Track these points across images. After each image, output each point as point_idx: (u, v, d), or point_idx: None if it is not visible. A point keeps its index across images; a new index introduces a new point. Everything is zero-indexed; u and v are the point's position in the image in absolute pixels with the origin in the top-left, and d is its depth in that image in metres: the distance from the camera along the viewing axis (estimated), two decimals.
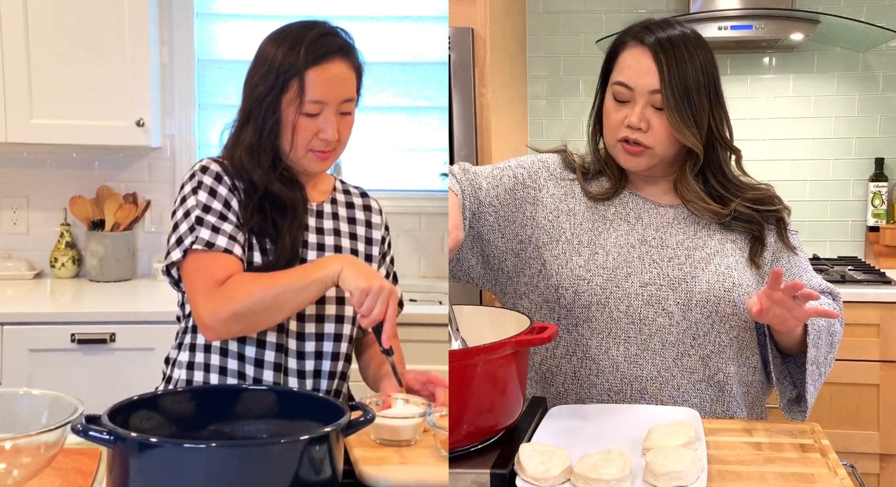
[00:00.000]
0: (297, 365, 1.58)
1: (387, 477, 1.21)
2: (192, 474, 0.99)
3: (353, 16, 3.27)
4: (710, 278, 1.56)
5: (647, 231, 1.62)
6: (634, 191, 1.67)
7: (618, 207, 1.65)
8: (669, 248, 1.60)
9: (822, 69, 3.41)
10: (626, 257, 1.59)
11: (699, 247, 1.59)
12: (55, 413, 1.13)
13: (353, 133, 1.63)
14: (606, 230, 1.62)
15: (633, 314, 1.56)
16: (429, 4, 3.29)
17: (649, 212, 1.64)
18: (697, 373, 1.57)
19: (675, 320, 1.56)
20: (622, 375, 1.56)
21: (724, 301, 1.56)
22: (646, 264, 1.58)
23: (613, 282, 1.57)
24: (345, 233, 1.68)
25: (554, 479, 1.15)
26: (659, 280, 1.57)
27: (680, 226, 1.62)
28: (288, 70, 1.55)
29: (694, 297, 1.55)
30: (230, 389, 1.37)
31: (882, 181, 3.36)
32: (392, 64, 3.29)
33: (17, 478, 1.05)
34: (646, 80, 1.54)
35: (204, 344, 1.57)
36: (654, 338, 1.56)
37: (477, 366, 1.24)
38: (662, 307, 1.56)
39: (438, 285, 3.05)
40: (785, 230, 1.64)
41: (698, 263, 1.58)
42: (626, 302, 1.56)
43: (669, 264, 1.58)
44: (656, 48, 1.55)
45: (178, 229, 1.55)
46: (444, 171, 2.94)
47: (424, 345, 2.08)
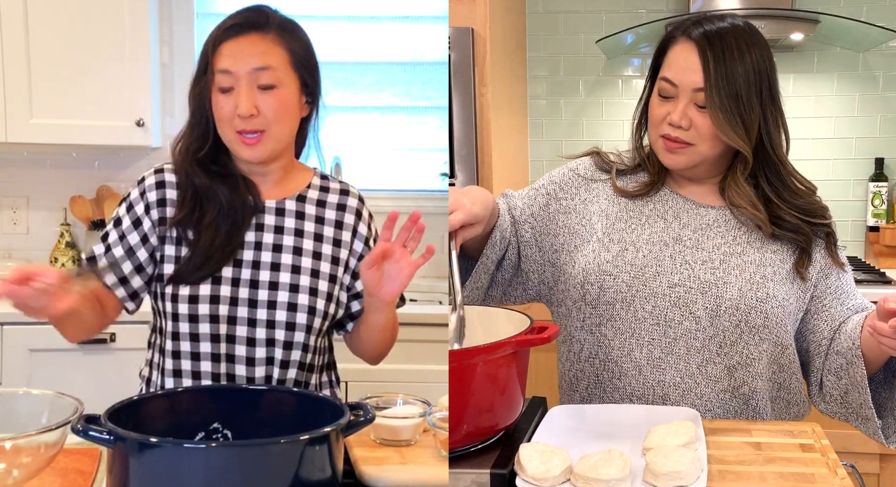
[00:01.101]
0: (248, 332, 1.53)
1: (387, 477, 1.21)
2: (192, 474, 0.99)
3: (353, 16, 3.27)
4: (742, 286, 1.50)
5: (683, 230, 1.57)
6: (676, 189, 1.62)
7: (656, 204, 1.60)
8: (705, 251, 1.54)
9: (822, 69, 3.41)
10: (658, 255, 1.54)
11: (737, 254, 1.53)
12: (55, 413, 1.13)
13: (353, 133, 1.62)
14: (640, 226, 1.58)
15: (659, 315, 1.51)
16: (429, 4, 3.29)
17: (689, 212, 1.59)
18: (722, 383, 1.51)
19: (703, 325, 1.50)
20: (644, 379, 1.52)
21: (755, 311, 1.49)
22: (677, 264, 1.53)
23: (640, 280, 1.52)
24: (309, 234, 1.59)
25: (554, 479, 1.15)
26: (689, 282, 1.51)
27: (720, 229, 1.56)
28: (205, 49, 1.53)
29: (723, 304, 1.49)
30: (230, 389, 1.37)
31: (882, 181, 3.36)
32: (392, 64, 3.29)
33: (17, 478, 1.05)
34: (690, 77, 1.50)
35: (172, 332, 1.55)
36: (678, 342, 1.51)
37: (477, 366, 1.24)
38: (690, 310, 1.50)
39: (438, 285, 3.05)
40: (834, 246, 1.58)
41: (733, 269, 1.51)
42: (653, 302, 1.52)
43: (702, 267, 1.52)
44: (703, 43, 1.50)
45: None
46: (444, 171, 2.94)
47: (424, 345, 2.09)
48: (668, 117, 1.52)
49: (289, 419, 1.21)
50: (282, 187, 1.62)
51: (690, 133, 1.51)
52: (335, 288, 1.60)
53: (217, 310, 1.52)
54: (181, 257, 1.54)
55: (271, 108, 1.51)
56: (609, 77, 3.57)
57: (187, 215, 1.54)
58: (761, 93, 1.52)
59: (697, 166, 1.56)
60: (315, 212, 1.62)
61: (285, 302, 1.54)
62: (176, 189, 1.57)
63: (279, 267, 1.55)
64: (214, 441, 1.20)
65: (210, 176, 1.56)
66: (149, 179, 1.59)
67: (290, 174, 1.64)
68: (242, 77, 1.50)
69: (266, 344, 1.53)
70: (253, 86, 1.50)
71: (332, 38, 3.25)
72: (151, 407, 1.19)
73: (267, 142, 1.53)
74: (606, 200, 1.63)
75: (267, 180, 1.61)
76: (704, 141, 1.51)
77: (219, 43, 1.52)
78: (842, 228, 3.44)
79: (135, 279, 1.56)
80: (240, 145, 1.53)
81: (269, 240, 1.57)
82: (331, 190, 1.66)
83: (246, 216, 1.56)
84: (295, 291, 1.54)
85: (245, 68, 1.50)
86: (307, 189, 1.64)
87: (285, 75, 1.53)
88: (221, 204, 1.55)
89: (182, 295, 1.52)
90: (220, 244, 1.53)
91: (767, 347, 1.51)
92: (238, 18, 1.54)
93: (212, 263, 1.52)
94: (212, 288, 1.52)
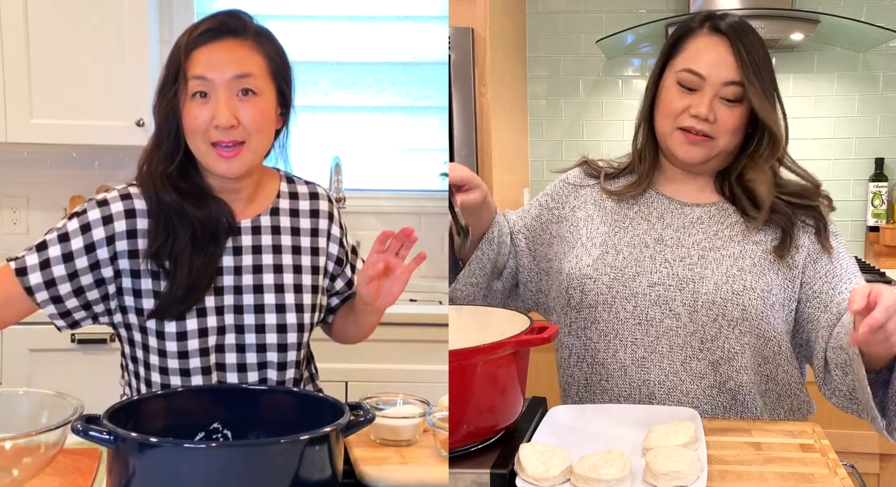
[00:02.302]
0: (238, 358, 1.49)
1: (387, 477, 1.21)
2: (192, 474, 0.99)
3: (354, 16, 3.27)
4: (718, 279, 1.50)
5: (666, 230, 1.58)
6: (662, 190, 1.63)
7: (641, 206, 1.62)
8: (684, 247, 1.55)
9: (822, 69, 3.41)
10: (638, 256, 1.55)
11: (716, 248, 1.53)
12: (55, 413, 1.13)
13: (353, 133, 1.60)
14: (623, 229, 1.60)
15: (640, 315, 1.53)
16: (429, 4, 3.29)
17: (673, 212, 1.60)
18: (707, 379, 1.52)
19: (683, 322, 1.51)
20: (630, 379, 1.54)
21: (731, 304, 1.49)
22: (657, 264, 1.54)
23: (620, 282, 1.54)
24: (286, 248, 1.53)
25: (554, 479, 1.15)
26: (668, 280, 1.52)
27: (702, 226, 1.57)
28: (175, 53, 1.42)
29: (700, 298, 1.50)
30: (230, 389, 1.37)
31: (882, 181, 3.36)
32: (392, 64, 3.29)
33: (17, 478, 1.05)
34: (722, 70, 1.50)
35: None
36: (661, 341, 1.52)
37: (477, 366, 1.24)
38: (669, 308, 1.51)
39: (438, 285, 3.04)
40: (825, 231, 1.55)
41: (710, 263, 1.52)
42: (633, 301, 1.53)
43: (680, 264, 1.53)
44: (732, 37, 1.51)
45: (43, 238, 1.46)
46: (445, 171, 2.94)
47: (424, 345, 2.08)
48: (689, 109, 1.52)
49: (289, 419, 1.21)
50: (255, 202, 1.54)
51: (714, 126, 1.51)
52: (318, 297, 1.58)
53: (206, 343, 1.47)
54: (160, 291, 1.45)
55: (251, 118, 1.42)
56: (609, 77, 3.57)
57: (161, 246, 1.44)
58: (773, 83, 1.54)
59: (711, 159, 1.56)
60: (290, 223, 1.56)
61: (274, 325, 1.50)
62: (147, 217, 1.45)
63: (262, 288, 1.50)
64: (214, 441, 1.20)
65: (181, 195, 1.44)
66: (115, 205, 1.45)
67: (260, 185, 1.55)
68: (220, 84, 1.40)
69: (258, 368, 1.51)
70: (232, 93, 1.41)
71: (332, 38, 3.25)
72: (151, 407, 1.19)
73: (246, 155, 1.43)
74: (593, 205, 1.65)
75: (239, 198, 1.52)
76: (725, 134, 1.52)
77: (192, 48, 1.42)
78: (842, 228, 3.41)
79: (71, 300, 1.45)
80: (215, 159, 1.42)
81: (249, 263, 1.50)
82: (300, 195, 1.59)
83: (221, 240, 1.48)
84: (282, 311, 1.51)
85: (224, 75, 1.40)
86: (277, 199, 1.56)
87: (264, 83, 1.45)
88: (194, 227, 1.44)
89: (168, 332, 1.45)
90: (198, 273, 1.45)
91: (750, 340, 1.51)
92: (213, 23, 1.44)
93: (193, 295, 1.45)
94: (198, 321, 1.46)
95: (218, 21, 1.44)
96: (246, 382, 1.50)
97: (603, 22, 3.54)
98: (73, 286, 1.44)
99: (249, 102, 1.43)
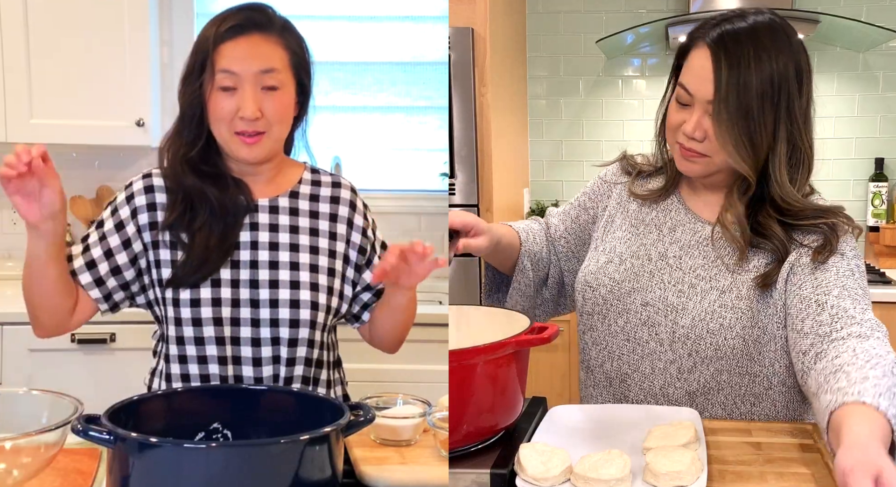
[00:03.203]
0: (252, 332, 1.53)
1: (387, 477, 1.21)
2: (192, 474, 0.99)
3: (354, 16, 3.27)
4: (696, 314, 1.45)
5: (672, 247, 1.53)
6: (685, 198, 1.57)
7: (659, 213, 1.57)
8: (681, 271, 1.50)
9: (822, 69, 3.41)
10: (638, 271, 1.52)
11: (709, 277, 1.47)
12: (55, 413, 1.13)
13: (353, 133, 1.62)
14: (634, 236, 1.57)
15: (630, 332, 1.51)
16: (429, 4, 3.29)
17: (684, 227, 1.54)
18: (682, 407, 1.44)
19: (665, 348, 1.49)
20: (613, 392, 1.55)
21: (703, 342, 1.44)
22: (653, 283, 1.50)
23: (615, 295, 1.53)
24: (304, 229, 1.58)
25: (554, 479, 1.15)
26: (658, 303, 1.49)
27: (706, 248, 1.50)
28: (202, 45, 1.50)
29: (678, 331, 1.47)
30: (230, 389, 1.37)
31: (882, 181, 3.36)
32: (392, 64, 3.29)
33: (17, 478, 1.05)
34: (705, 87, 1.40)
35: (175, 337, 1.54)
36: (644, 361, 1.51)
37: (477, 366, 1.24)
38: (655, 331, 1.49)
39: (438, 285, 3.05)
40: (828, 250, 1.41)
41: (696, 294, 1.46)
42: (625, 317, 1.52)
43: (672, 289, 1.49)
44: (717, 50, 1.39)
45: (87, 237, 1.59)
46: (445, 171, 2.94)
47: (424, 345, 2.08)
48: (683, 126, 1.44)
49: (289, 419, 1.21)
50: (274, 185, 1.61)
51: (705, 144, 1.43)
52: (335, 281, 1.59)
53: (220, 313, 1.51)
54: (177, 261, 1.52)
55: (274, 110, 1.51)
56: (609, 77, 3.57)
57: (178, 217, 1.53)
58: (777, 107, 1.39)
59: (715, 174, 1.49)
60: (308, 206, 1.61)
61: (287, 300, 1.53)
62: (165, 192, 1.55)
63: (277, 264, 1.55)
64: (214, 441, 1.20)
65: (200, 176, 1.54)
66: (136, 184, 1.57)
67: (281, 171, 1.62)
68: (247, 78, 1.48)
69: (271, 343, 1.53)
70: (257, 87, 1.49)
71: (332, 38, 3.25)
72: (151, 407, 1.19)
73: (266, 143, 1.52)
74: (617, 205, 1.63)
75: (258, 179, 1.59)
76: (720, 152, 1.42)
77: (220, 42, 1.49)
78: None
79: (110, 280, 1.54)
80: (238, 145, 1.51)
81: (265, 239, 1.56)
82: (322, 183, 1.65)
83: (238, 216, 1.55)
84: (296, 288, 1.54)
85: (251, 70, 1.48)
86: (298, 184, 1.63)
87: (286, 77, 1.53)
88: (212, 204, 1.53)
89: (183, 299, 1.51)
90: (215, 245, 1.52)
91: (729, 378, 1.47)
92: (240, 17, 1.51)
93: (208, 265, 1.51)
94: (212, 291, 1.51)
95: (244, 16, 1.52)
96: (254, 376, 1.51)
97: (603, 22, 3.54)
98: (110, 265, 1.54)
99: (272, 96, 1.51)
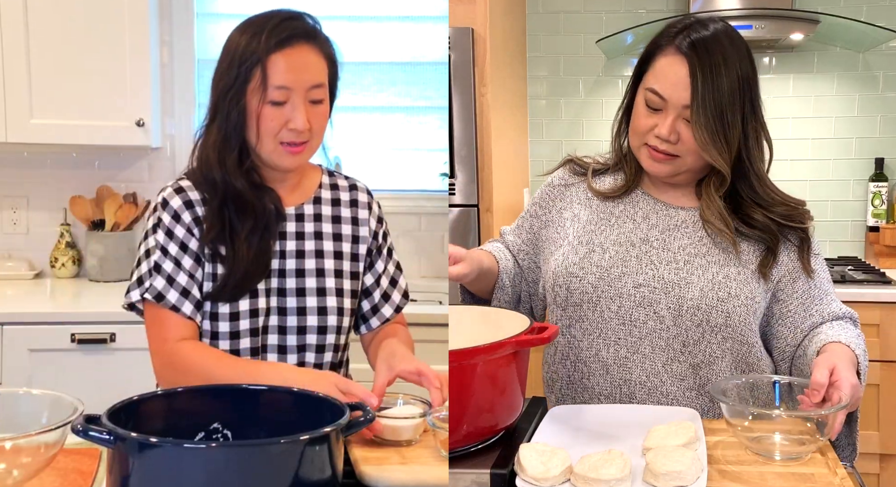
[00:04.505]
0: (279, 340, 1.56)
1: (387, 477, 1.21)
2: (192, 474, 0.99)
3: (354, 16, 3.27)
4: (704, 285, 1.51)
5: (651, 231, 1.58)
6: (647, 191, 1.63)
7: (627, 205, 1.62)
8: (670, 251, 1.55)
9: (822, 69, 3.41)
10: (624, 256, 1.56)
11: (702, 254, 1.54)
12: (55, 413, 1.13)
13: (353, 133, 1.63)
14: (609, 228, 1.60)
15: (625, 315, 1.54)
16: (429, 4, 3.29)
17: (658, 213, 1.60)
18: (687, 381, 1.54)
19: (666, 325, 1.52)
20: (612, 378, 1.56)
21: (715, 310, 1.50)
22: (643, 264, 1.55)
23: (606, 281, 1.55)
24: (328, 235, 1.62)
25: (554, 479, 1.15)
26: (653, 282, 1.53)
27: (687, 230, 1.57)
28: (250, 57, 1.49)
29: (685, 304, 1.51)
30: (230, 389, 1.37)
31: (882, 181, 3.36)
32: (392, 64, 3.29)
33: (17, 478, 1.05)
34: (680, 93, 1.48)
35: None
36: (643, 342, 1.54)
37: (477, 366, 1.24)
38: (654, 310, 1.52)
39: (438, 285, 3.05)
40: (808, 252, 1.56)
41: (696, 269, 1.53)
42: (618, 302, 1.54)
43: (667, 267, 1.54)
44: (692, 58, 1.47)
45: (140, 267, 1.55)
46: (445, 171, 2.94)
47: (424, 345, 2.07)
48: (654, 129, 1.51)
49: (289, 419, 1.21)
50: (298, 191, 1.64)
51: (678, 146, 1.51)
52: (358, 284, 1.64)
53: (257, 323, 1.54)
54: (217, 274, 1.53)
55: (319, 123, 1.54)
56: (609, 77, 3.57)
57: (220, 231, 1.53)
58: (744, 106, 1.50)
59: (680, 175, 1.57)
60: (331, 212, 1.64)
61: (314, 307, 1.56)
62: (203, 206, 1.55)
63: (304, 273, 1.57)
64: (214, 441, 1.20)
65: (249, 185, 1.54)
66: (174, 201, 1.55)
67: (304, 176, 1.65)
68: (299, 93, 1.50)
69: (297, 351, 1.56)
70: (307, 101, 1.52)
71: (333, 38, 3.25)
72: (151, 407, 1.19)
73: (307, 154, 1.55)
74: (579, 204, 1.66)
75: (285, 186, 1.61)
76: (691, 153, 1.51)
77: (270, 52, 1.49)
78: (842, 228, 3.44)
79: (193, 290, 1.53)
80: (282, 155, 1.52)
81: (292, 247, 1.58)
82: (340, 187, 1.68)
83: (272, 226, 1.57)
84: (322, 295, 1.57)
85: (302, 85, 1.50)
86: (319, 189, 1.65)
87: (326, 90, 1.56)
88: (256, 215, 1.54)
89: (222, 313, 1.53)
90: (255, 257, 1.53)
91: (731, 346, 1.53)
92: (287, 28, 1.51)
93: (250, 278, 1.53)
94: (251, 302, 1.53)
95: (291, 27, 1.52)
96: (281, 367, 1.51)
97: (603, 22, 3.54)
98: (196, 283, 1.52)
99: (317, 109, 1.54)
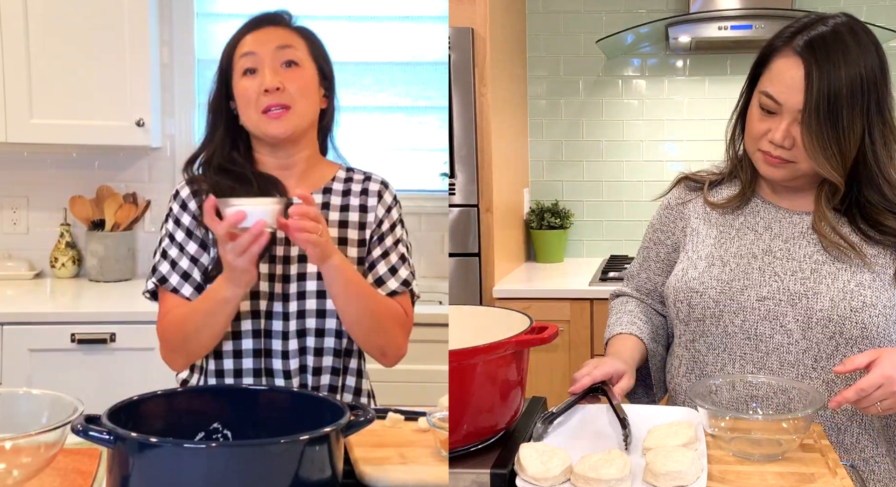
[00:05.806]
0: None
1: (387, 477, 1.21)
2: (192, 474, 0.99)
3: (354, 16, 3.27)
4: (834, 295, 1.42)
5: (774, 241, 1.51)
6: (767, 199, 1.56)
7: (747, 216, 1.56)
8: (795, 260, 1.47)
9: None
10: (745, 268, 1.49)
11: (829, 261, 1.45)
12: (55, 413, 1.13)
13: (353, 133, 1.62)
14: (730, 240, 1.55)
15: (749, 329, 1.48)
16: (429, 4, 3.29)
17: (780, 221, 1.53)
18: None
19: (795, 338, 1.45)
20: (738, 394, 1.45)
21: (849, 321, 1.41)
22: (766, 277, 1.48)
23: (728, 295, 1.49)
24: (333, 222, 1.61)
25: (554, 479, 1.15)
26: (778, 294, 1.46)
27: (813, 236, 1.49)
28: (232, 45, 1.59)
29: (814, 315, 1.43)
30: (230, 389, 1.37)
31: None
32: (392, 64, 3.29)
33: (17, 478, 1.05)
34: (795, 96, 1.40)
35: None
36: (771, 357, 1.46)
37: (477, 366, 1.24)
38: (780, 323, 1.45)
39: (438, 285, 3.04)
40: None
41: (824, 278, 1.44)
42: (742, 316, 1.48)
43: (792, 278, 1.46)
44: (809, 59, 1.40)
45: (155, 257, 1.60)
46: (445, 171, 2.94)
47: (424, 345, 2.07)
48: (769, 134, 1.44)
49: (289, 419, 1.21)
50: (306, 182, 1.62)
51: (793, 151, 1.44)
52: (362, 270, 1.62)
53: (258, 306, 1.54)
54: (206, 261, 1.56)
55: (295, 84, 1.55)
56: (609, 77, 3.57)
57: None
58: (867, 107, 1.41)
59: (797, 178, 1.50)
60: (340, 201, 1.64)
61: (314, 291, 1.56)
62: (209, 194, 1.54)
63: (306, 258, 1.55)
64: (214, 441, 1.20)
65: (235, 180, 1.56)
66: (183, 191, 1.61)
67: (315, 167, 1.65)
68: (266, 55, 1.54)
69: (297, 336, 1.55)
70: (276, 64, 1.55)
71: (332, 38, 3.24)
72: (151, 407, 1.19)
73: (292, 118, 1.54)
74: (697, 219, 1.61)
75: (292, 174, 1.60)
76: (806, 159, 1.43)
77: (239, 38, 1.58)
78: None
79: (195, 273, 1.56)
80: (266, 122, 1.54)
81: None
82: (355, 180, 1.68)
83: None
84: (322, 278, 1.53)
85: (269, 47, 1.55)
86: (332, 181, 1.65)
87: (305, 57, 1.58)
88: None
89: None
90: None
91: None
92: (258, 18, 1.60)
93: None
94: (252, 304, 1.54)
95: (263, 16, 1.61)
96: (283, 369, 1.50)
97: (603, 22, 3.54)
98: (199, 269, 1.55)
99: (293, 71, 1.56)
